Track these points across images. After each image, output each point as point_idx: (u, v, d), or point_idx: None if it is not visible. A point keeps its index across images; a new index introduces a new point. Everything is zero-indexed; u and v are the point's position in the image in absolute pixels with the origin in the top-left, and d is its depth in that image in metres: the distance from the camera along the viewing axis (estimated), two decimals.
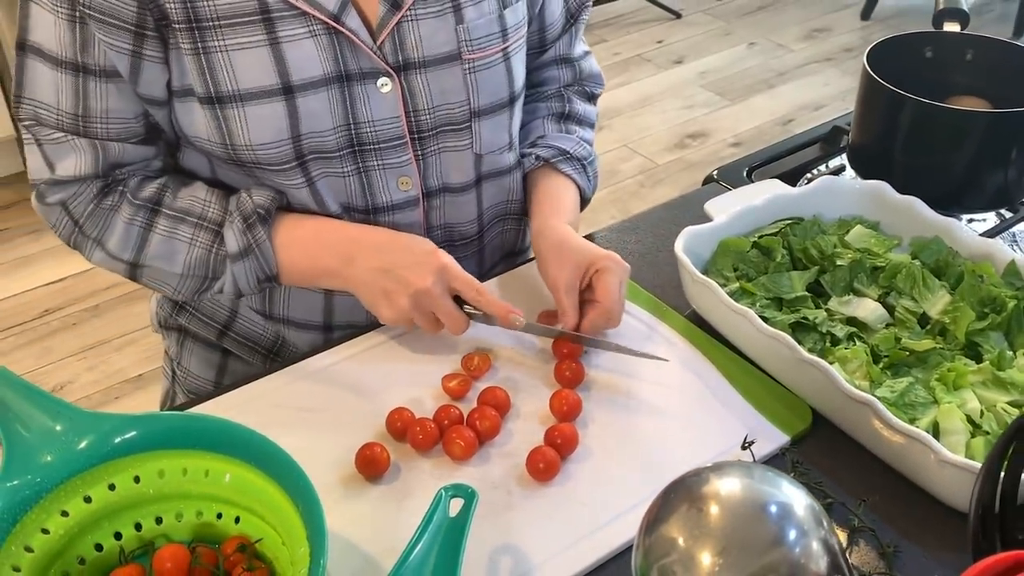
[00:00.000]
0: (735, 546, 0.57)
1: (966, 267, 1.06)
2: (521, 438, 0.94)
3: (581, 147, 1.17)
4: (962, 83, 1.32)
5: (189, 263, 1.02)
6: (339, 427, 0.95)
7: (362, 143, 1.02)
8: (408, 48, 1.00)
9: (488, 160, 1.10)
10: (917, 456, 0.86)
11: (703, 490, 0.61)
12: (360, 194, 1.05)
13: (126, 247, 1.03)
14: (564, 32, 1.19)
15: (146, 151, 1.03)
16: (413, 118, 1.03)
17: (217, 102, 0.96)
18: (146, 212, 1.02)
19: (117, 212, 1.02)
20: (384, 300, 0.99)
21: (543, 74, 1.22)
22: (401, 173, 1.05)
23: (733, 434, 0.93)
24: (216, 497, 0.81)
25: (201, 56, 0.94)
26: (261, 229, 1.00)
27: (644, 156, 3.29)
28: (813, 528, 0.59)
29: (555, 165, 1.14)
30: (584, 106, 1.23)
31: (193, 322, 1.20)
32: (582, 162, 1.16)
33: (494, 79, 1.05)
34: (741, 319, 0.98)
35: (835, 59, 3.92)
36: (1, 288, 2.65)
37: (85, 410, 0.79)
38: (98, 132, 0.98)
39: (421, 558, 0.75)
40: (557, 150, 1.15)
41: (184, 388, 1.24)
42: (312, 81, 0.96)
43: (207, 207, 1.02)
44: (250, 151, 0.98)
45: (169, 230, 1.02)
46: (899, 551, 0.84)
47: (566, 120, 1.20)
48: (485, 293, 1.00)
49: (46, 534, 0.76)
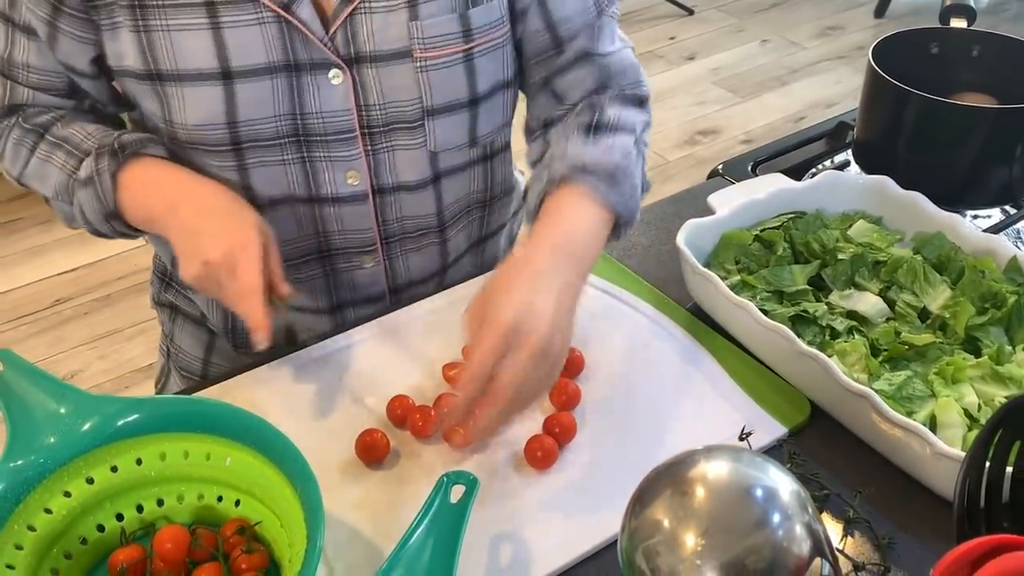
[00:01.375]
0: (719, 528, 0.58)
1: (967, 262, 1.06)
2: (520, 427, 0.94)
3: (608, 157, 0.98)
4: (968, 79, 1.32)
5: (56, 187, 1.03)
6: (341, 413, 0.96)
7: (309, 134, 1.01)
8: (360, 41, 0.98)
9: (445, 157, 1.07)
10: (913, 448, 0.86)
11: (689, 473, 0.61)
12: (303, 184, 1.04)
13: (14, 162, 1.06)
14: (585, 29, 1.07)
15: (64, 103, 1.05)
16: (364, 112, 1.01)
17: (157, 79, 0.96)
18: (33, 135, 1.04)
19: (10, 131, 1.05)
20: (183, 259, 0.93)
21: (566, 78, 1.08)
22: (349, 167, 1.04)
23: (731, 425, 0.94)
24: (217, 480, 0.82)
25: (142, 34, 0.95)
26: (107, 160, 0.97)
27: (655, 152, 3.29)
28: (797, 513, 0.60)
29: (570, 183, 0.96)
30: (620, 111, 1.04)
31: (180, 299, 1.22)
32: (610, 174, 0.97)
33: (450, 80, 1.02)
34: (741, 311, 0.99)
35: (848, 57, 3.91)
36: (14, 278, 2.67)
37: (89, 393, 0.80)
38: (16, 76, 1.02)
39: (420, 542, 0.76)
40: (573, 166, 0.97)
41: (176, 365, 1.26)
42: (254, 68, 0.96)
43: (87, 139, 1.02)
44: (184, 130, 0.99)
45: (47, 153, 1.03)
46: (894, 543, 0.84)
47: (595, 130, 1.01)
48: (251, 295, 0.89)
49: (49, 514, 0.77)
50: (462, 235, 1.18)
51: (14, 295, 2.61)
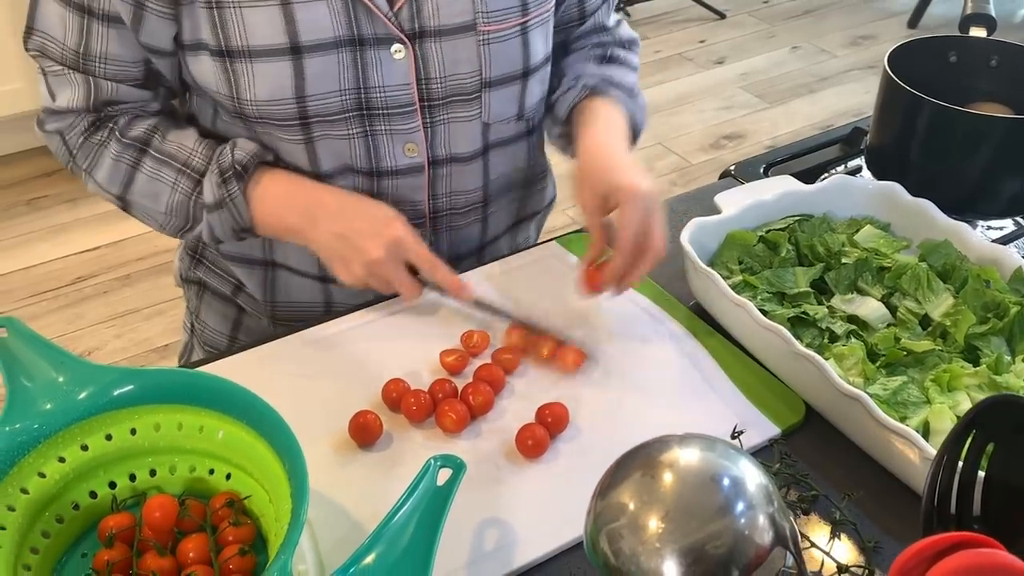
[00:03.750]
0: (680, 512, 0.58)
1: (971, 271, 1.05)
2: (513, 415, 0.95)
3: (627, 78, 1.18)
4: (986, 89, 1.31)
5: (171, 205, 1.07)
6: (336, 394, 0.97)
7: (371, 107, 1.03)
8: (424, 16, 1.01)
9: (496, 129, 1.12)
10: (904, 453, 0.86)
11: (660, 457, 0.62)
12: (364, 157, 1.06)
13: (113, 182, 1.07)
14: (603, 3, 1.21)
15: (142, 94, 1.06)
16: (424, 86, 1.04)
17: (227, 55, 0.98)
18: (133, 151, 1.06)
19: (105, 148, 1.06)
20: (340, 264, 1.02)
21: (584, 41, 1.23)
22: (408, 140, 1.07)
23: (724, 422, 0.94)
24: (209, 453, 0.83)
25: (214, 10, 0.96)
26: (236, 184, 1.03)
27: (678, 155, 3.29)
28: (761, 503, 0.60)
29: (602, 92, 1.14)
30: (625, 52, 1.23)
31: (210, 276, 1.23)
32: (629, 90, 1.16)
33: (508, 52, 1.06)
34: (740, 310, 0.99)
35: (878, 67, 3.85)
36: (37, 254, 2.71)
37: (87, 362, 0.82)
38: (95, 70, 1.02)
39: (403, 522, 0.76)
40: (602, 78, 1.15)
41: (201, 341, 1.28)
42: (321, 43, 0.98)
43: (192, 155, 1.05)
44: (254, 106, 1.01)
45: (154, 171, 1.06)
46: (880, 546, 0.84)
47: (608, 61, 1.20)
48: (439, 266, 1.02)
49: (42, 478, 0.78)
50: (503, 213, 1.23)
51: (36, 271, 2.65)
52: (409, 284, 1.02)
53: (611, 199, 1.00)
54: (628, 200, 0.97)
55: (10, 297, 2.55)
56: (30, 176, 2.97)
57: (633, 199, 0.97)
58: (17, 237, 2.76)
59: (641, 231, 0.97)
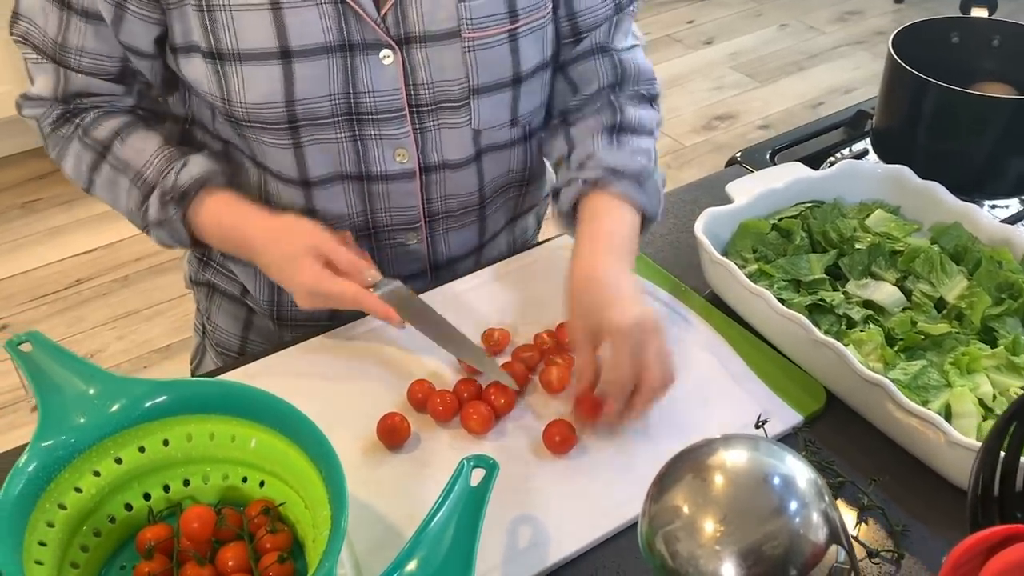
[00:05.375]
0: (737, 514, 0.59)
1: (984, 253, 1.06)
2: (538, 412, 0.96)
3: (634, 160, 1.06)
4: (988, 69, 1.32)
5: (125, 211, 1.09)
6: (362, 397, 0.97)
7: (360, 112, 1.03)
8: (410, 22, 1.00)
9: (487, 135, 1.10)
10: (928, 437, 0.87)
11: (708, 460, 0.62)
12: (354, 162, 1.06)
13: (77, 177, 1.10)
14: (604, 22, 1.12)
15: (114, 88, 1.07)
16: (413, 92, 1.04)
17: (218, 58, 0.98)
18: (93, 153, 1.07)
19: (70, 143, 1.08)
20: (290, 292, 1.01)
21: (582, 66, 1.14)
22: (398, 145, 1.06)
23: (747, 412, 0.95)
24: (242, 461, 0.83)
25: (205, 13, 0.96)
26: (173, 209, 1.04)
27: (671, 137, 3.29)
28: (814, 500, 0.61)
29: (604, 187, 1.04)
30: (638, 112, 1.12)
31: (219, 278, 1.24)
32: (637, 177, 1.05)
33: (496, 59, 1.04)
34: (758, 300, 0.99)
35: (867, 42, 3.89)
36: (34, 257, 2.70)
37: (117, 375, 0.82)
38: (70, 62, 1.03)
39: (441, 525, 0.77)
40: (605, 170, 1.05)
41: (212, 343, 1.28)
42: (312, 48, 0.98)
43: (146, 167, 1.06)
44: (244, 109, 1.01)
45: (111, 176, 1.07)
46: (908, 530, 0.86)
47: (619, 132, 1.09)
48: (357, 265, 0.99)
49: (79, 493, 0.79)
50: (500, 213, 1.22)
51: (34, 275, 2.64)
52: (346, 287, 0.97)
53: (600, 335, 0.92)
54: (616, 341, 0.90)
55: (11, 302, 2.55)
56: (24, 179, 2.96)
57: (622, 339, 0.90)
58: (14, 241, 2.75)
59: (633, 372, 0.90)
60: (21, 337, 0.83)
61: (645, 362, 0.90)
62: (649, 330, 0.90)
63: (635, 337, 0.90)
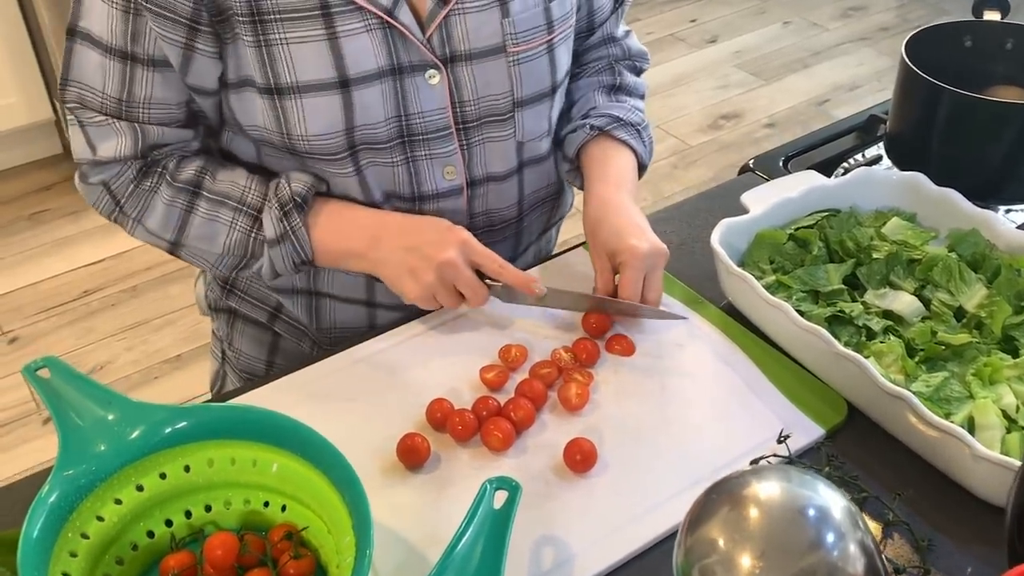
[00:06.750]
0: (774, 549, 0.59)
1: (1003, 260, 1.06)
2: (557, 429, 0.96)
3: (634, 114, 1.18)
4: (1002, 72, 1.32)
5: (229, 245, 1.06)
6: (380, 417, 0.97)
7: (412, 134, 1.04)
8: (455, 41, 1.02)
9: (529, 147, 1.13)
10: (952, 451, 0.86)
11: (743, 492, 0.62)
12: (407, 183, 1.07)
13: (167, 227, 1.06)
14: (612, 14, 1.22)
15: (185, 134, 1.06)
16: (459, 109, 1.05)
17: (276, 93, 0.98)
18: (187, 195, 1.05)
19: (157, 193, 1.05)
20: (409, 277, 1.02)
21: (592, 54, 1.24)
22: (447, 163, 1.07)
23: (768, 426, 0.94)
24: (263, 486, 0.83)
25: (263, 48, 0.96)
26: (297, 216, 1.03)
27: (677, 138, 3.28)
28: (850, 531, 0.60)
29: (609, 132, 1.15)
30: (633, 78, 1.25)
31: (244, 305, 1.23)
32: (636, 127, 1.17)
33: (537, 70, 1.07)
34: (777, 312, 0.99)
35: (871, 38, 3.88)
36: (43, 269, 2.70)
37: (135, 400, 0.81)
38: (139, 116, 1.01)
39: (467, 549, 0.77)
40: (610, 118, 1.16)
41: (236, 368, 1.28)
42: (367, 74, 0.99)
43: (247, 192, 1.05)
44: (304, 141, 1.01)
45: (210, 213, 1.05)
46: (933, 545, 0.85)
47: (617, 91, 1.22)
48: (507, 265, 1.04)
49: (101, 521, 0.78)
50: (534, 226, 1.24)
51: (43, 287, 2.64)
52: (477, 285, 1.03)
53: (615, 258, 1.05)
54: (630, 263, 1.03)
55: (20, 314, 2.55)
56: (30, 190, 2.95)
57: (634, 261, 1.03)
58: (22, 253, 2.75)
59: (636, 291, 1.04)
60: (39, 363, 0.83)
61: (652, 282, 1.05)
62: (657, 256, 1.04)
63: (647, 261, 1.03)
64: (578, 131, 1.17)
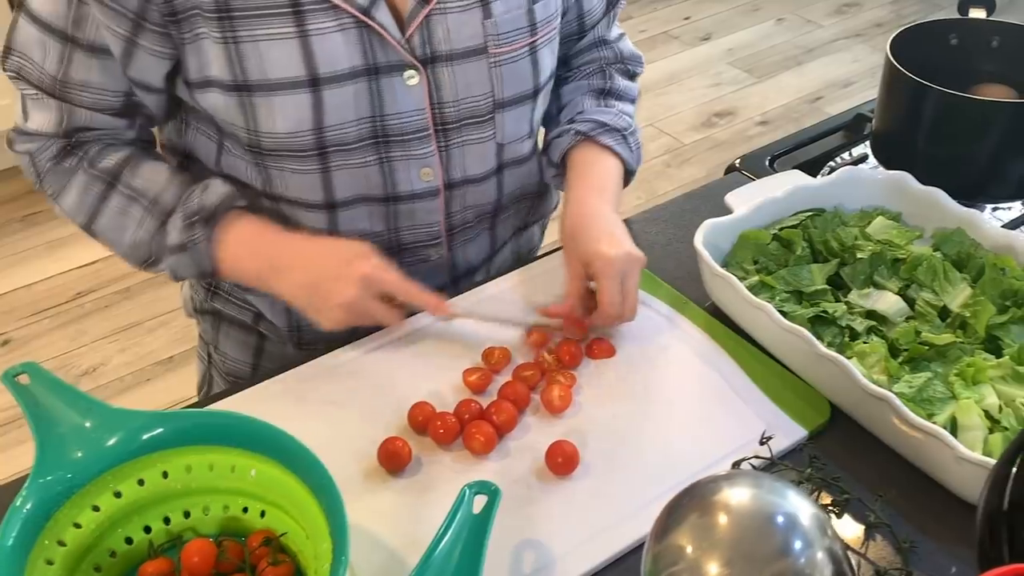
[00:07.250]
0: (741, 557, 0.58)
1: (987, 259, 1.05)
2: (539, 431, 0.95)
3: (621, 119, 1.17)
4: (988, 70, 1.31)
5: (134, 242, 1.06)
6: (361, 421, 0.97)
7: (388, 135, 1.03)
8: (436, 41, 1.01)
9: (509, 149, 1.12)
10: (934, 452, 0.86)
11: (712, 499, 0.62)
12: (380, 184, 1.06)
13: (79, 211, 1.07)
14: (603, 17, 1.21)
15: (117, 122, 1.05)
16: (438, 110, 1.04)
17: (245, 90, 0.97)
18: (102, 184, 1.05)
19: (74, 176, 1.05)
20: (314, 313, 1.01)
21: (583, 57, 1.24)
22: (424, 164, 1.06)
23: (751, 428, 0.94)
24: (242, 492, 0.83)
25: (231, 45, 0.95)
26: (200, 229, 1.02)
27: (670, 135, 3.28)
28: (818, 538, 0.60)
29: (594, 138, 1.14)
30: (625, 82, 1.23)
31: (228, 306, 1.22)
32: (622, 133, 1.15)
33: (519, 72, 1.07)
34: (759, 313, 0.99)
35: (865, 35, 3.87)
36: (34, 271, 2.69)
37: (113, 406, 0.81)
38: (72, 98, 1.01)
39: (445, 554, 0.77)
40: (596, 123, 1.15)
41: (222, 371, 1.27)
42: (339, 74, 0.98)
43: (162, 193, 1.04)
44: (272, 138, 1.00)
45: (121, 207, 1.05)
46: (915, 546, 0.85)
47: (606, 96, 1.20)
48: (414, 291, 1.01)
49: (78, 528, 0.78)
50: (510, 222, 1.23)
51: (36, 289, 2.63)
52: (390, 315, 1.02)
53: (589, 266, 1.03)
54: (604, 271, 1.01)
55: (12, 316, 2.54)
56: (23, 192, 2.95)
57: (608, 269, 1.01)
58: (14, 255, 2.75)
59: (616, 300, 1.01)
60: (17, 369, 0.83)
61: (628, 291, 1.02)
62: (632, 263, 1.02)
63: (622, 268, 1.01)
64: (563, 136, 1.16)
